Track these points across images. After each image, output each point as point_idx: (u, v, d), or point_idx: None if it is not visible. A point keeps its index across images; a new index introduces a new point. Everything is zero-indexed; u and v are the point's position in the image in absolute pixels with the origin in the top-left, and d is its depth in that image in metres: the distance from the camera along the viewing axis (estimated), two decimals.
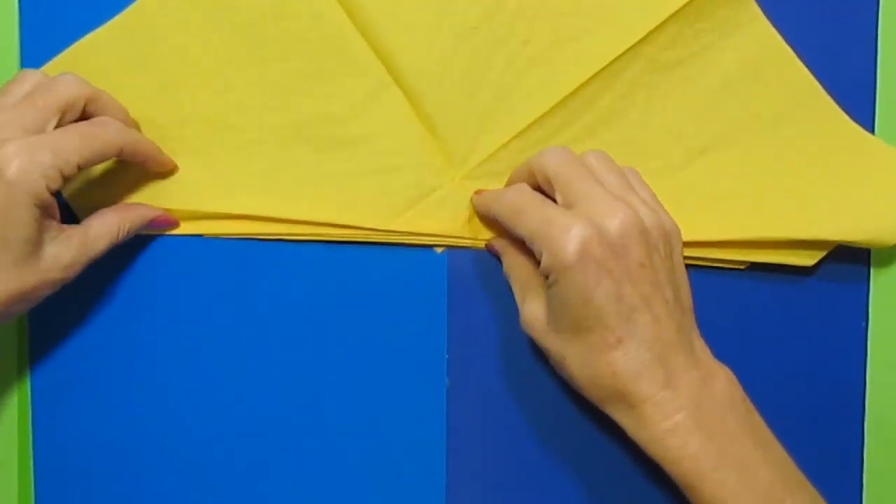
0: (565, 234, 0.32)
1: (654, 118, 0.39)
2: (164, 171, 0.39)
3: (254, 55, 0.39)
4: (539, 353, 0.38)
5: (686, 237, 0.38)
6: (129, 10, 0.39)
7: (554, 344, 0.34)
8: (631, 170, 0.37)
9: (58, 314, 0.39)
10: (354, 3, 0.38)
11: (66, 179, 0.33)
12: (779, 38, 0.39)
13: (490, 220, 0.39)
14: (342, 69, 0.39)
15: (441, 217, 0.40)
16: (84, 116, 0.36)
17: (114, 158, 0.36)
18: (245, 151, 0.39)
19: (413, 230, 0.39)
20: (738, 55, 0.39)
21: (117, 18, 0.39)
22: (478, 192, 0.39)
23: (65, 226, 0.35)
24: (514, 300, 0.37)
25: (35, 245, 0.33)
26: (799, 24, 0.39)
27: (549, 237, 0.32)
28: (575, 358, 0.33)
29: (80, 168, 0.34)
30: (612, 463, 0.40)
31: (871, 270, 0.40)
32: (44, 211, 0.33)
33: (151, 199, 0.39)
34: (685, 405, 0.32)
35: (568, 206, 0.33)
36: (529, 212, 0.33)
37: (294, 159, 0.39)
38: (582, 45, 0.39)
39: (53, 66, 0.39)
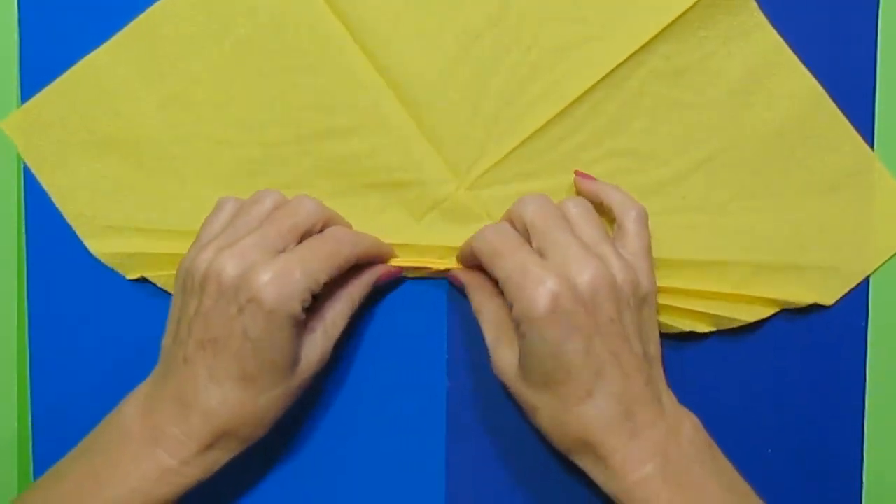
0: (538, 288, 0.32)
1: (660, 126, 0.39)
2: (386, 259, 0.39)
3: (254, 70, 0.39)
4: None
5: (688, 255, 0.39)
6: (128, 29, 0.39)
7: (525, 393, 0.34)
8: (634, 216, 0.36)
9: (59, 316, 0.40)
10: (355, 14, 0.38)
11: (313, 296, 0.34)
12: (784, 45, 0.39)
13: (467, 255, 0.37)
14: (342, 83, 0.39)
15: (448, 228, 0.39)
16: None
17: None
18: (248, 168, 0.39)
19: (420, 243, 0.39)
20: (743, 63, 0.39)
21: (117, 37, 0.39)
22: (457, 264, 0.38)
23: (306, 324, 0.35)
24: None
25: (295, 359, 0.35)
26: (799, 24, 0.39)
27: (521, 288, 0.32)
28: (545, 409, 0.34)
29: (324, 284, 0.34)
30: None
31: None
32: (298, 327, 0.34)
33: (156, 217, 0.39)
34: (653, 457, 0.32)
35: (541, 253, 0.33)
36: (506, 255, 0.33)
37: (297, 176, 0.39)
38: (585, 51, 0.38)
39: (57, 87, 0.39)
